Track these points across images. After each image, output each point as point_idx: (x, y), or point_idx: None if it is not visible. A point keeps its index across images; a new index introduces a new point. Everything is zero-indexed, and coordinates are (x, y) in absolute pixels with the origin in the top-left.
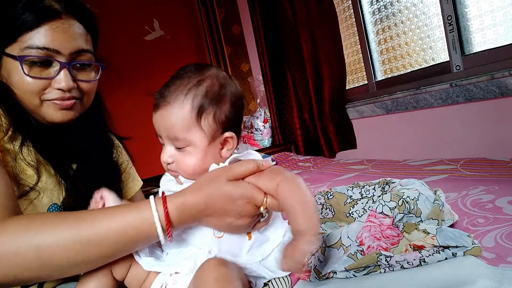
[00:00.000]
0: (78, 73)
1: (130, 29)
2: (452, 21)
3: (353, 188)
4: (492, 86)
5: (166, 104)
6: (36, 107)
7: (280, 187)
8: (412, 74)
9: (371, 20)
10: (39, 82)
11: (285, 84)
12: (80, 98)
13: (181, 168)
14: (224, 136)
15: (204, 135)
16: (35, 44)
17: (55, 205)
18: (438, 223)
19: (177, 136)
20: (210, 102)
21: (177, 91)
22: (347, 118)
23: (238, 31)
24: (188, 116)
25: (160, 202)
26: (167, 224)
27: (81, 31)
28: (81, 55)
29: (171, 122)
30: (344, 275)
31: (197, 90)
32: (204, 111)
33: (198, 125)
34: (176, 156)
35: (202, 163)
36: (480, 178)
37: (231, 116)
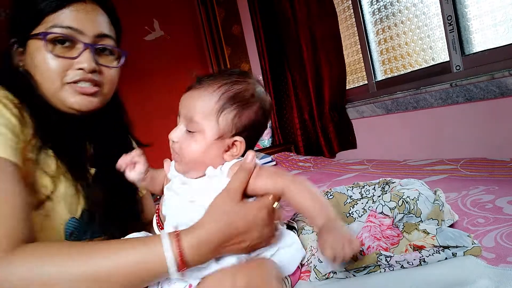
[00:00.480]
0: (100, 58)
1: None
2: (452, 21)
3: (353, 188)
4: (492, 86)
5: (200, 87)
6: (56, 90)
7: (288, 192)
8: (412, 74)
9: (371, 20)
10: (62, 61)
11: (285, 84)
12: (100, 86)
13: (182, 151)
14: (234, 139)
15: (217, 128)
16: (59, 23)
17: (73, 220)
18: (438, 223)
19: (194, 118)
20: (236, 103)
21: (214, 82)
22: (347, 118)
23: (238, 31)
24: (212, 105)
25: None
26: (182, 263)
27: (104, 18)
28: (104, 39)
29: (195, 104)
30: (344, 275)
31: (230, 87)
32: (226, 108)
33: (216, 117)
34: (184, 138)
35: (203, 154)
36: (480, 178)
37: (249, 125)
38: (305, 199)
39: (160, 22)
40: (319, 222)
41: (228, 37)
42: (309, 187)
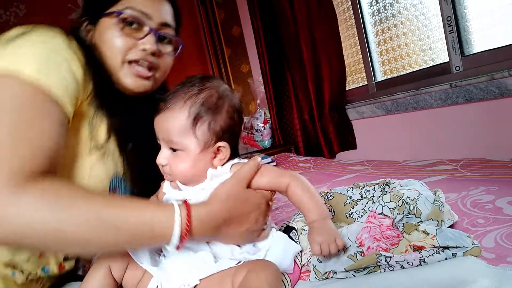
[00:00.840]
0: (161, 45)
1: None
2: (451, 22)
3: (353, 188)
4: (491, 86)
5: (167, 108)
6: (117, 67)
7: (291, 188)
8: (412, 75)
9: (370, 21)
10: (128, 40)
11: (285, 85)
12: (155, 70)
13: (173, 171)
14: (217, 145)
15: (197, 142)
16: (133, 6)
17: (117, 177)
18: (438, 223)
19: (172, 139)
20: (206, 111)
21: (178, 98)
22: (347, 119)
23: (238, 32)
24: (184, 122)
25: (184, 209)
26: (186, 231)
27: (170, 9)
28: (166, 28)
29: (168, 125)
30: (344, 275)
31: (196, 99)
32: (199, 119)
33: (193, 132)
34: (170, 159)
35: (192, 169)
36: (480, 178)
37: (226, 127)
38: (304, 194)
39: None
40: (312, 217)
41: (228, 38)
42: (308, 185)
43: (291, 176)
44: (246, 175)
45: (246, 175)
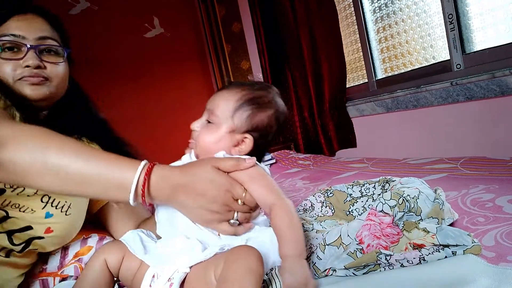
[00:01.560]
0: (45, 57)
1: (130, 26)
2: (453, 19)
3: (353, 186)
4: (492, 85)
5: (227, 89)
6: (12, 84)
7: (274, 210)
8: (413, 72)
9: (371, 18)
10: (10, 63)
11: (285, 82)
12: (48, 80)
13: (197, 139)
14: (244, 135)
15: (231, 123)
16: (5, 33)
17: None
18: (438, 221)
19: (214, 111)
20: (253, 104)
21: (240, 85)
22: (347, 117)
23: (238, 28)
24: (232, 102)
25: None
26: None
27: (45, 25)
28: (46, 40)
29: (219, 100)
30: (343, 272)
31: (252, 92)
32: (244, 107)
33: (233, 114)
34: (202, 127)
35: (213, 144)
36: (480, 177)
37: (260, 126)
38: (284, 223)
39: (160, 19)
40: (286, 251)
41: (228, 34)
42: (292, 214)
43: (279, 197)
44: (223, 164)
45: (223, 164)
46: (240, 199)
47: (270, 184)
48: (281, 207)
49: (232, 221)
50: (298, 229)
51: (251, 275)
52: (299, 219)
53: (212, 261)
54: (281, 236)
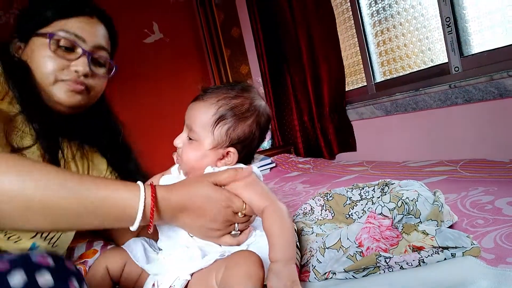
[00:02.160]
0: (94, 66)
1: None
2: (450, 22)
3: (352, 189)
4: (490, 87)
5: (201, 99)
6: (48, 85)
7: (266, 213)
8: (411, 75)
9: (369, 22)
10: (60, 61)
11: (285, 86)
12: (88, 89)
13: (182, 157)
14: (228, 149)
15: (212, 139)
16: (67, 29)
17: None
18: (437, 224)
19: (193, 128)
20: (231, 116)
21: (214, 95)
22: (346, 120)
23: (237, 33)
24: (209, 117)
25: (149, 187)
26: (152, 209)
27: (104, 33)
28: (100, 51)
29: (195, 115)
30: (343, 275)
31: (228, 101)
32: (222, 121)
33: (212, 129)
34: (185, 144)
35: (197, 161)
36: (479, 179)
37: (243, 137)
38: (275, 226)
39: (160, 25)
40: (274, 256)
41: (227, 39)
42: (284, 217)
43: (272, 201)
44: (219, 178)
45: (218, 178)
46: (241, 213)
47: (264, 190)
48: (274, 210)
49: (233, 232)
50: (289, 233)
51: (251, 279)
52: (292, 223)
53: (213, 267)
54: (271, 240)
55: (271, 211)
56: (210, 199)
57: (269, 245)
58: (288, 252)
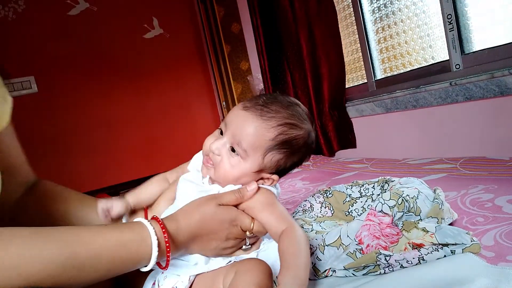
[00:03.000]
0: None
1: (130, 27)
2: (452, 19)
3: (352, 186)
4: (491, 85)
5: (259, 115)
6: None
7: (283, 236)
8: (412, 73)
9: (370, 18)
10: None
11: (285, 82)
12: None
13: (218, 165)
14: (271, 176)
15: (260, 163)
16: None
17: None
18: (437, 221)
19: (242, 143)
20: (286, 149)
21: (275, 117)
22: (346, 117)
23: (237, 29)
24: (265, 141)
25: (156, 224)
26: (167, 246)
27: None
28: None
29: (249, 130)
30: (343, 273)
31: (289, 131)
32: (276, 150)
33: (264, 153)
34: (225, 154)
35: (236, 177)
36: (479, 177)
37: (289, 168)
38: (290, 249)
39: (160, 20)
40: (285, 277)
41: (228, 35)
42: (302, 241)
43: (290, 224)
44: (227, 199)
45: (227, 199)
46: (249, 231)
47: (282, 213)
48: (290, 232)
49: (244, 247)
50: (303, 258)
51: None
52: (309, 249)
53: (221, 271)
54: (283, 262)
55: (287, 233)
56: (220, 221)
57: (281, 266)
58: (301, 276)
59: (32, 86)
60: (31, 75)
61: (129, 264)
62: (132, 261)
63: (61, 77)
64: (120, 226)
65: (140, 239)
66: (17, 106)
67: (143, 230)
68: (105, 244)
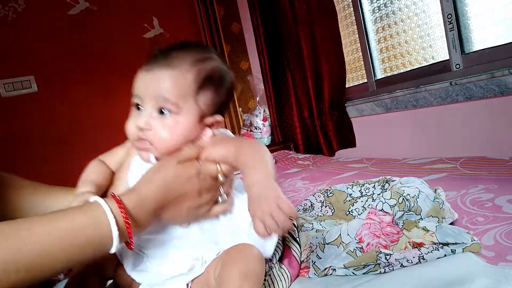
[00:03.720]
0: None
1: (130, 26)
2: (452, 19)
3: (353, 186)
4: (492, 85)
5: (167, 67)
6: None
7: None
8: (412, 72)
9: (371, 18)
10: None
11: (285, 82)
12: None
13: (156, 138)
14: (216, 118)
15: (196, 109)
16: None
17: None
18: (438, 220)
19: (167, 98)
20: (214, 81)
21: (184, 60)
22: (346, 117)
23: (237, 29)
24: (189, 85)
25: (113, 202)
26: (127, 224)
27: None
28: None
29: (168, 83)
30: (343, 272)
31: (204, 65)
32: (206, 87)
33: (195, 98)
34: (157, 122)
35: (182, 139)
36: (479, 177)
37: (224, 102)
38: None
39: (160, 19)
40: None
41: (228, 35)
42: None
43: (242, 140)
44: (187, 154)
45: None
46: (220, 174)
47: (232, 138)
48: (244, 144)
49: (220, 199)
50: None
51: (247, 279)
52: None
53: (212, 264)
54: (245, 165)
55: (243, 146)
56: (185, 179)
57: (246, 169)
58: (269, 170)
59: (32, 86)
60: (31, 75)
61: (89, 250)
62: (92, 246)
63: (61, 77)
64: (73, 210)
65: (96, 221)
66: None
67: (98, 210)
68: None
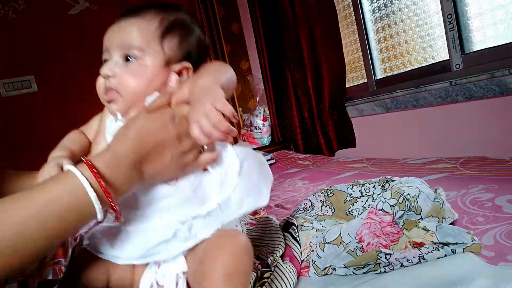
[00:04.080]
0: None
1: None
2: (452, 19)
3: (353, 186)
4: (492, 85)
5: (132, 17)
6: None
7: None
8: (412, 72)
9: (371, 18)
10: None
11: (285, 82)
12: None
13: (122, 85)
14: (183, 64)
15: (162, 54)
16: None
17: None
18: (438, 220)
19: (132, 44)
20: (179, 27)
21: (149, 10)
22: (346, 117)
23: (237, 29)
24: (154, 29)
25: (83, 165)
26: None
27: None
28: None
29: (132, 30)
30: (343, 271)
31: (169, 14)
32: (170, 32)
33: (160, 42)
34: (122, 70)
35: (148, 84)
36: (479, 176)
37: (195, 50)
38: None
39: None
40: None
41: (228, 34)
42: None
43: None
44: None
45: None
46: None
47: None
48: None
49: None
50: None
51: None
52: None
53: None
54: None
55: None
56: (160, 127)
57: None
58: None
59: (32, 86)
60: (31, 75)
61: (71, 219)
62: (72, 215)
63: (61, 77)
64: (45, 183)
65: (71, 188)
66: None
67: (69, 176)
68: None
